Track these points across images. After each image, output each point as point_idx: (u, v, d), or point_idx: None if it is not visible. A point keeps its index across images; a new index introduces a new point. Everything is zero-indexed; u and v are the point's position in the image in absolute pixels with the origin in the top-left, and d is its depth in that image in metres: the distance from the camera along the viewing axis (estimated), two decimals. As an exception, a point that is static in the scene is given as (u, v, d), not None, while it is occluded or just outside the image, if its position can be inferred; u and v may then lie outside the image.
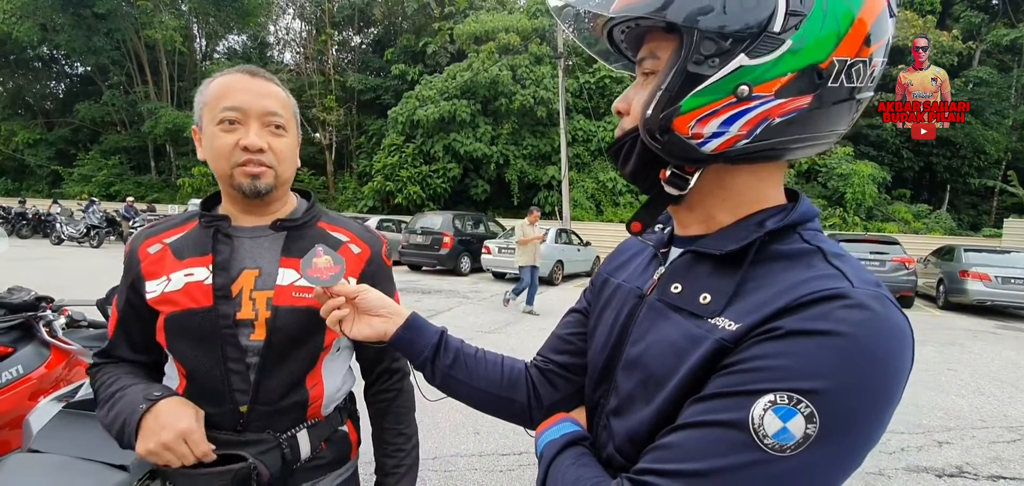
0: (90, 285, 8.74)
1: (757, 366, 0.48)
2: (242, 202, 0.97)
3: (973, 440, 3.97)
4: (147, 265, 0.97)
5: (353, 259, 1.03)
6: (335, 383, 1.03)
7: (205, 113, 0.93)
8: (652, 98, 0.57)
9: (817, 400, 0.45)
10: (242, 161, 0.91)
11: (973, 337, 8.22)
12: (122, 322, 1.00)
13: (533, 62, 21.87)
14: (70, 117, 28.64)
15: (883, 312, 0.48)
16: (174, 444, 0.82)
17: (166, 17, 26.28)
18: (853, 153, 20.09)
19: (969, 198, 21.91)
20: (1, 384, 1.96)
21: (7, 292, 2.15)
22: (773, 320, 0.49)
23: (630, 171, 0.63)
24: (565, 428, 0.71)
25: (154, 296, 0.94)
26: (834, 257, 0.54)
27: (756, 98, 0.52)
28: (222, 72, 0.95)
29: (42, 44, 27.21)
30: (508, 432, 3.62)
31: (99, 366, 1.02)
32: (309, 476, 1.00)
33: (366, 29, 30.71)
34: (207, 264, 0.93)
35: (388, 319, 0.81)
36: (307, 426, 0.99)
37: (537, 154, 21.53)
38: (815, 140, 0.56)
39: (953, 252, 11.84)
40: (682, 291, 0.61)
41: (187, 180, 24.71)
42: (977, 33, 21.98)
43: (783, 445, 0.46)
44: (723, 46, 0.52)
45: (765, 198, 0.61)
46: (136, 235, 1.02)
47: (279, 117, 0.94)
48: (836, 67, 0.52)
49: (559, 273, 12.48)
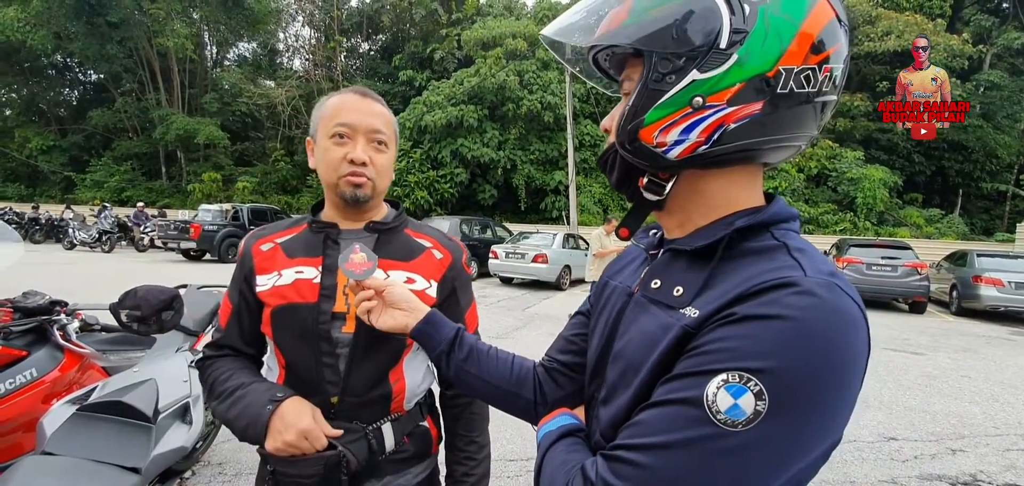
0: (102, 289, 8.85)
1: (713, 349, 0.53)
2: (343, 208, 1.07)
3: (987, 448, 3.92)
4: (259, 261, 1.07)
5: (435, 264, 1.12)
6: (416, 379, 1.10)
7: (320, 127, 1.04)
8: (623, 113, 0.64)
9: (764, 378, 0.49)
10: (347, 172, 1.01)
11: (987, 343, 8.11)
12: (235, 314, 1.09)
13: (540, 67, 21.93)
14: (83, 123, 29.06)
15: (829, 298, 0.52)
16: (297, 441, 0.92)
17: (178, 25, 26.58)
18: (864, 157, 19.94)
19: (981, 202, 21.66)
20: (15, 387, 1.99)
21: (21, 296, 2.18)
22: (730, 307, 0.54)
23: (615, 181, 0.71)
24: (563, 421, 0.76)
25: (264, 289, 1.04)
26: (796, 251, 0.58)
27: (710, 107, 0.58)
28: (339, 92, 1.06)
29: (56, 52, 27.67)
30: (515, 437, 3.62)
31: (211, 359, 1.10)
32: (393, 468, 1.07)
33: (374, 36, 30.97)
34: (317, 265, 1.03)
35: (409, 313, 0.90)
36: (391, 419, 1.06)
37: (544, 159, 21.55)
38: (782, 142, 0.61)
39: (966, 257, 11.66)
40: (660, 286, 0.66)
41: (197, 186, 24.95)
42: (988, 36, 21.77)
43: (734, 421, 0.50)
44: (678, 64, 0.59)
45: (738, 201, 0.65)
46: (250, 235, 1.13)
47: (383, 135, 1.05)
48: (783, 75, 0.57)
49: (566, 278, 12.46)
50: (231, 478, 2.99)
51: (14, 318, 2.09)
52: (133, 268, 12.37)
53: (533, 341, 6.78)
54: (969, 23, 22.00)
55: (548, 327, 7.80)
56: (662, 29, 0.59)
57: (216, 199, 22.92)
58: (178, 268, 13.14)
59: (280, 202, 24.34)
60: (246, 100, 27.40)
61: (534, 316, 8.68)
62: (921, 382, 5.62)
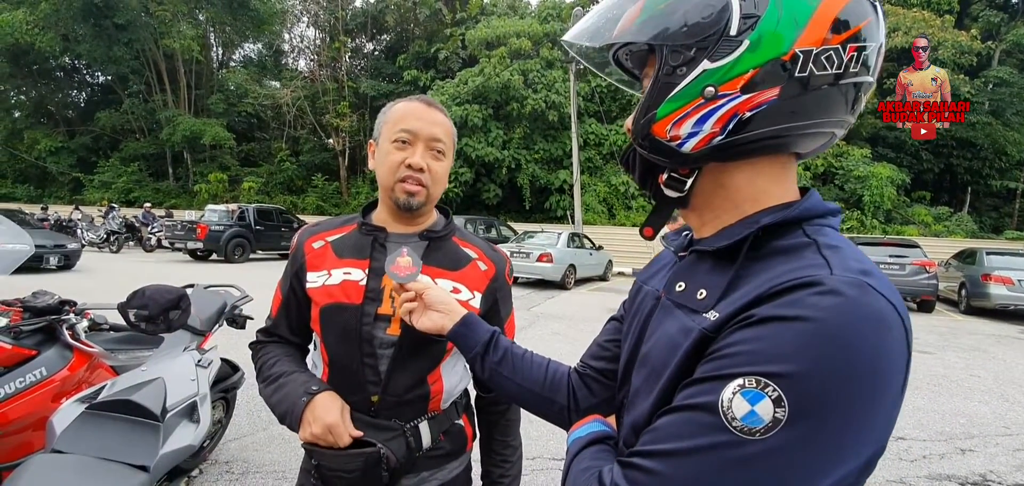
0: (111, 289, 8.92)
1: (730, 352, 0.50)
2: (395, 212, 1.10)
3: (997, 448, 3.88)
4: (310, 258, 1.11)
5: (479, 275, 1.14)
6: (453, 381, 1.13)
7: (384, 130, 1.08)
8: (637, 110, 0.63)
9: (783, 384, 0.46)
10: (404, 177, 1.05)
11: (996, 342, 8.03)
12: (285, 305, 1.15)
13: (545, 66, 21.90)
14: (91, 125, 29.27)
15: (857, 297, 0.48)
16: (322, 434, 0.96)
17: (184, 27, 26.74)
18: (871, 155, 19.79)
19: (990, 200, 21.45)
20: (25, 386, 2.00)
21: (31, 296, 2.19)
22: (749, 308, 0.52)
23: (637, 178, 0.69)
24: (593, 427, 0.74)
25: (314, 287, 1.08)
26: (826, 248, 0.54)
27: (723, 96, 0.57)
28: (406, 99, 1.10)
29: (64, 54, 27.87)
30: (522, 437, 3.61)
31: (261, 344, 1.17)
32: (430, 465, 1.10)
33: (379, 36, 31.02)
34: (364, 267, 1.07)
35: (446, 315, 0.91)
36: (428, 418, 1.09)
37: (549, 158, 21.53)
38: (809, 129, 0.58)
39: (975, 255, 11.56)
40: (685, 289, 0.64)
41: (204, 186, 25.10)
42: (996, 33, 21.55)
43: (751, 428, 0.47)
44: (688, 55, 0.57)
45: (768, 195, 0.62)
46: (302, 231, 1.17)
47: (442, 144, 1.08)
48: (800, 58, 0.55)
49: (571, 277, 12.44)
50: (238, 476, 3.01)
51: (24, 318, 2.10)
52: (141, 268, 12.45)
53: (538, 340, 6.76)
54: (977, 19, 21.80)
55: (553, 326, 7.79)
56: (672, 21, 0.58)
57: (222, 199, 23.05)
58: (185, 268, 13.22)
59: (285, 202, 24.45)
60: (251, 101, 27.53)
61: (539, 315, 8.67)
62: (930, 381, 5.58)
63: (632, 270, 16.23)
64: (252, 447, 3.37)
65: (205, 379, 2.21)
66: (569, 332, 7.40)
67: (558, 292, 11.63)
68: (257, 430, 3.58)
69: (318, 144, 27.17)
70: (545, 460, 3.37)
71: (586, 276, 13.58)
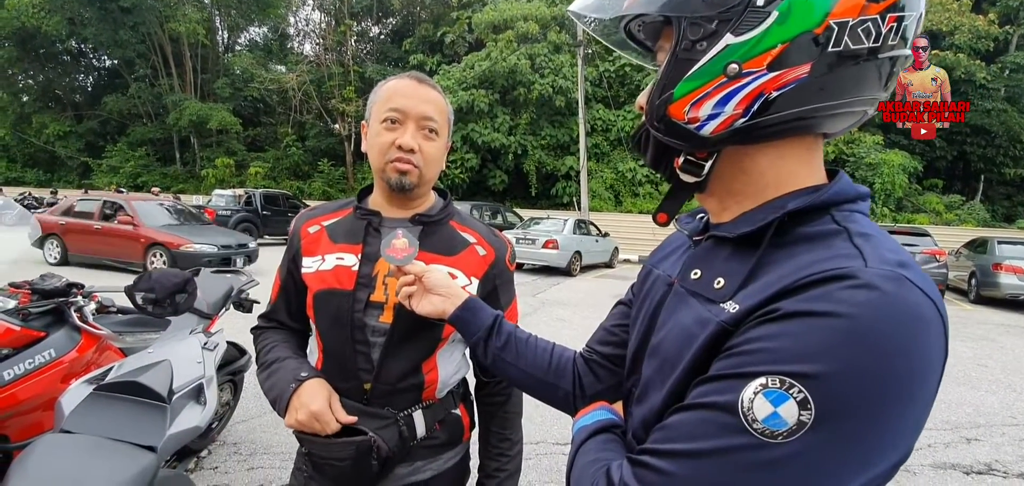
0: (119, 272, 9.01)
1: (751, 349, 0.47)
2: (388, 194, 1.07)
3: (1003, 437, 3.86)
4: (306, 243, 1.09)
5: (478, 261, 1.10)
6: (449, 370, 1.09)
7: (374, 111, 1.04)
8: (652, 88, 0.58)
9: (810, 385, 0.42)
10: (394, 158, 1.01)
11: (1005, 332, 7.97)
12: (283, 290, 1.14)
13: (552, 51, 21.68)
14: (98, 109, 29.37)
15: (895, 292, 0.44)
16: (308, 421, 0.95)
17: (189, 10, 26.67)
18: (883, 142, 19.51)
19: (1004, 189, 21.12)
20: (34, 367, 2.03)
21: (40, 279, 2.21)
22: (773, 301, 0.48)
23: (649, 161, 0.64)
24: (599, 415, 0.71)
25: (308, 272, 1.06)
26: (858, 237, 0.50)
27: (747, 75, 0.52)
28: (396, 76, 1.06)
29: (70, 38, 27.94)
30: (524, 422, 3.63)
31: (261, 329, 1.16)
32: (425, 454, 1.08)
33: (384, 20, 30.78)
34: (357, 252, 1.04)
35: (447, 299, 0.89)
36: (422, 407, 1.06)
37: (555, 144, 21.40)
38: (839, 108, 0.53)
39: (986, 244, 11.44)
40: (700, 277, 0.60)
41: (211, 171, 25.19)
42: (1015, 17, 21.06)
43: (774, 431, 0.44)
44: (709, 28, 0.52)
45: (793, 179, 0.58)
46: (300, 215, 1.15)
47: (434, 122, 1.04)
48: (835, 30, 0.49)
49: (577, 264, 12.43)
50: (246, 457, 3.05)
51: (33, 300, 2.13)
52: (149, 252, 12.54)
53: (544, 326, 6.78)
54: (995, 3, 21.30)
55: (558, 312, 7.80)
56: None
57: (229, 184, 23.13)
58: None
59: (292, 187, 24.50)
60: (257, 85, 27.48)
61: (545, 302, 8.68)
62: (937, 370, 5.55)
63: (639, 257, 16.18)
64: (260, 429, 3.41)
65: (211, 362, 2.23)
66: (574, 319, 7.41)
67: (564, 279, 11.63)
68: (265, 412, 3.62)
69: (324, 129, 27.13)
70: (549, 445, 3.39)
71: (592, 263, 13.55)
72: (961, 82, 18.95)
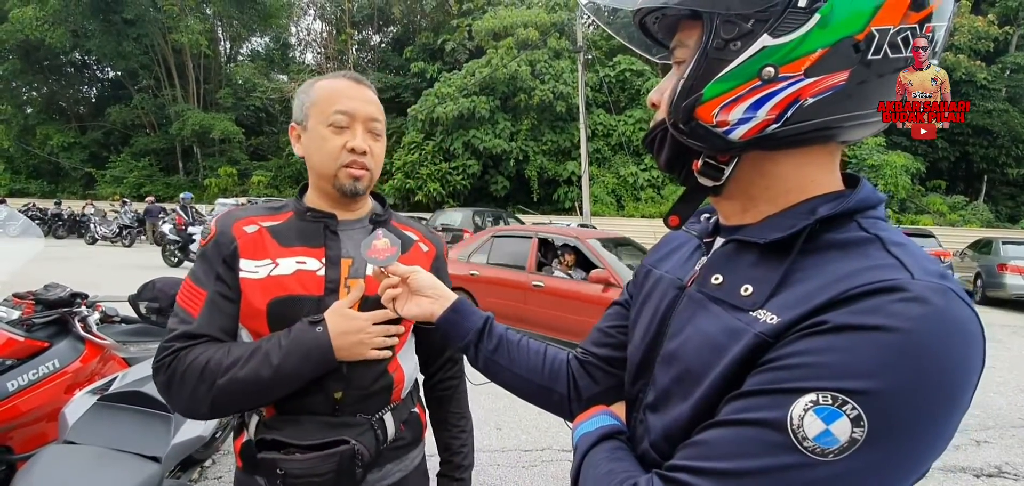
0: (123, 282, 9.02)
1: (799, 363, 0.45)
2: (337, 199, 1.03)
3: (1013, 439, 3.83)
4: (244, 243, 0.97)
5: (422, 256, 1.12)
6: (410, 368, 1.10)
7: (312, 112, 0.98)
8: (676, 87, 0.55)
9: (865, 402, 0.41)
10: (348, 162, 0.98)
11: (1012, 333, 7.91)
12: (212, 303, 0.94)
13: (552, 57, 21.75)
14: (102, 120, 29.50)
15: (945, 306, 0.43)
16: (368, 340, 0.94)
17: (191, 21, 26.83)
18: (885, 143, 19.48)
19: (1007, 189, 21.05)
20: (38, 378, 2.02)
21: (44, 289, 2.21)
22: (819, 313, 0.46)
23: (664, 162, 0.62)
24: (602, 421, 0.69)
25: (255, 278, 0.95)
26: (894, 246, 0.49)
27: (783, 79, 0.49)
28: (327, 76, 1.02)
29: (74, 50, 28.08)
30: (530, 428, 3.61)
31: (186, 349, 0.91)
32: (393, 457, 1.06)
33: (385, 28, 30.94)
34: (320, 256, 0.99)
35: (435, 301, 0.85)
36: (391, 408, 1.05)
37: (557, 149, 21.42)
38: (866, 118, 0.52)
39: (990, 245, 11.40)
40: (723, 282, 0.58)
41: (214, 180, 25.29)
42: (1014, 18, 21.06)
43: (825, 449, 0.42)
44: (744, 27, 0.50)
45: (815, 185, 0.57)
46: (226, 215, 1.02)
47: (378, 123, 1.02)
48: (876, 38, 0.48)
49: (579, 269, 12.40)
50: (250, 467, 3.03)
51: (37, 310, 2.13)
52: (152, 261, 12.58)
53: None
54: (994, 4, 21.31)
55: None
56: None
57: (232, 193, 23.19)
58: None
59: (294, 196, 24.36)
60: (260, 95, 27.63)
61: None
62: (944, 372, 5.51)
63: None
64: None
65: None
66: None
67: (566, 284, 11.59)
68: (268, 421, 3.60)
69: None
70: (554, 452, 3.37)
71: (594, 267, 13.51)
72: (961, 83, 18.93)
